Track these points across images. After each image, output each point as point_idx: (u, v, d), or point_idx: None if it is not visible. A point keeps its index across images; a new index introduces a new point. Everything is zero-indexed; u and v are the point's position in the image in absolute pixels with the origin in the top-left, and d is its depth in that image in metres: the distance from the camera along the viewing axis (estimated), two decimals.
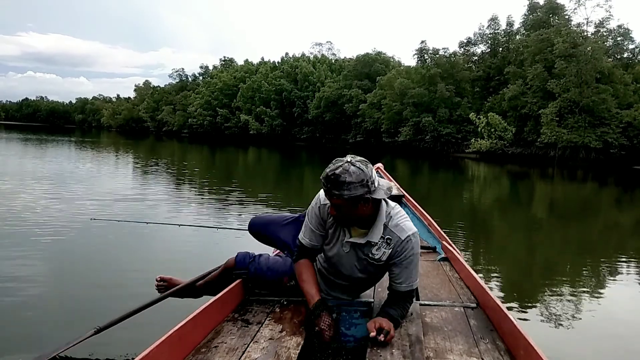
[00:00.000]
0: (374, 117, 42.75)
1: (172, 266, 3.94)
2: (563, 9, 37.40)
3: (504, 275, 4.75)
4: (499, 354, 1.65)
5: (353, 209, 1.80)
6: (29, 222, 5.50)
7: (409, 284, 1.89)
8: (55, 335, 2.54)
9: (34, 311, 2.97)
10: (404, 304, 1.92)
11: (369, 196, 1.78)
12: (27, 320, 2.84)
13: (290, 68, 57.41)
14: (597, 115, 30.88)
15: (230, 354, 1.63)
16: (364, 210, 1.82)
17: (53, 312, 2.98)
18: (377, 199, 1.82)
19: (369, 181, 1.77)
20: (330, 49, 67.49)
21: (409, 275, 1.88)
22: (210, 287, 2.35)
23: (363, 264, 1.93)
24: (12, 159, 16.32)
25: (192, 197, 9.06)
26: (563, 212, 10.63)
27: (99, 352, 2.39)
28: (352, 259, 1.93)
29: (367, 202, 1.80)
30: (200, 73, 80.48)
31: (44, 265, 3.98)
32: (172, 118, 72.48)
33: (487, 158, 32.54)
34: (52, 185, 8.96)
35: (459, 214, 8.83)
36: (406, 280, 1.89)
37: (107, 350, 2.42)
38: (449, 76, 40.20)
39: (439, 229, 3.46)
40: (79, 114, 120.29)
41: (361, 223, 1.88)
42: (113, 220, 4.87)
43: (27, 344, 2.52)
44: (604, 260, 5.63)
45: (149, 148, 31.18)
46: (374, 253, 1.89)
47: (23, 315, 2.91)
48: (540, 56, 33.41)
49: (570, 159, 30.76)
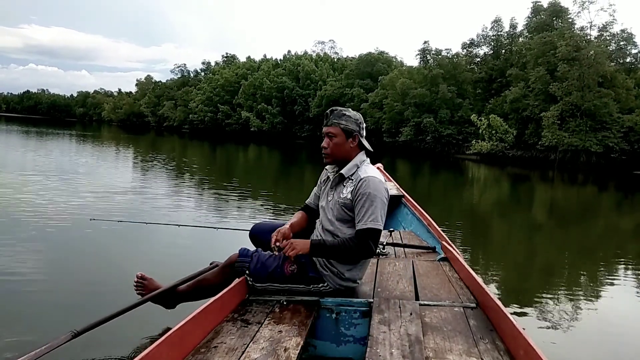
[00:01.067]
0: (375, 116, 42.68)
1: (170, 267, 3.88)
2: (567, 12, 37.32)
3: (504, 276, 4.75)
4: (499, 354, 1.65)
5: (343, 142, 2.19)
6: (24, 219, 5.42)
7: (364, 223, 2.05)
8: (33, 338, 2.42)
9: (12, 314, 2.84)
10: (352, 241, 2.07)
11: (357, 134, 2.20)
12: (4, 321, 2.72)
13: (293, 66, 57.31)
14: (599, 120, 30.82)
15: (230, 354, 1.63)
16: (350, 148, 2.20)
17: (33, 314, 2.86)
18: (362, 145, 2.22)
19: (361, 124, 2.23)
20: (333, 47, 67.36)
21: (364, 214, 2.06)
22: (205, 289, 2.31)
23: (337, 208, 2.19)
24: (11, 152, 16.31)
25: (191, 195, 9.04)
26: (563, 215, 10.62)
27: (77, 358, 2.26)
28: (331, 205, 2.23)
29: (355, 140, 2.20)
30: (202, 69, 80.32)
31: (34, 264, 3.88)
32: (173, 113, 72.36)
33: (487, 160, 32.52)
34: (50, 181, 8.90)
35: (459, 215, 8.83)
36: (362, 219, 2.06)
37: (86, 354, 2.29)
38: (451, 77, 40.12)
39: (438, 229, 3.46)
40: (80, 107, 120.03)
41: (342, 163, 2.22)
42: (111, 220, 4.83)
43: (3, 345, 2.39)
44: (604, 264, 5.63)
45: (150, 143, 31.15)
46: (344, 194, 2.17)
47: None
48: (542, 59, 33.34)
49: (571, 163, 30.72)
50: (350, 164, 2.21)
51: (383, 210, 2.12)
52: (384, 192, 2.14)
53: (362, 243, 2.06)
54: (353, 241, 2.07)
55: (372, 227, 2.06)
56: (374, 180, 2.13)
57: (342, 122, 2.19)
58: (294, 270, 2.17)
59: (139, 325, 2.59)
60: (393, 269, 2.72)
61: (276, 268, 2.17)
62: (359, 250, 2.08)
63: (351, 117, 2.21)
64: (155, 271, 2.82)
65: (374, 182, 2.12)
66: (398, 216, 4.71)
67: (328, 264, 2.18)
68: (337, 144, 2.20)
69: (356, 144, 2.22)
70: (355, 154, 2.23)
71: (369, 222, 2.06)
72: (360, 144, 2.24)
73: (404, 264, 2.83)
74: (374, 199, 2.09)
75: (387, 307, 2.08)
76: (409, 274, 2.63)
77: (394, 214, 4.87)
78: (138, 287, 2.49)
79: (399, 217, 4.67)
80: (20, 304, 3.01)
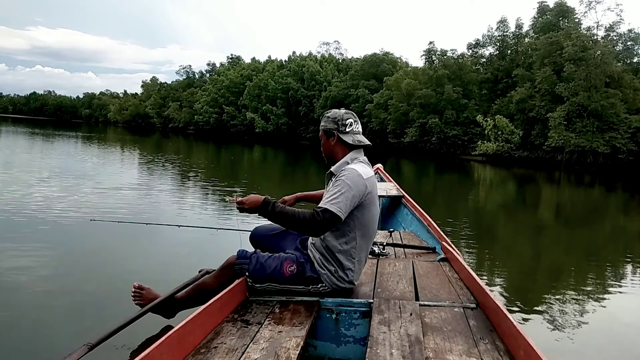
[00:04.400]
0: (380, 117, 42.65)
1: (170, 269, 3.88)
2: (573, 12, 37.14)
3: (506, 276, 4.72)
4: (499, 355, 1.64)
5: (325, 142, 2.29)
6: (26, 220, 5.45)
7: (323, 202, 2.07)
8: (43, 348, 2.41)
9: (21, 323, 2.78)
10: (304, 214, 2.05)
11: (335, 132, 2.25)
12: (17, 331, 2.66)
13: (297, 67, 57.41)
14: (606, 120, 30.62)
15: (230, 355, 1.63)
16: (332, 147, 2.27)
17: (41, 323, 2.80)
18: (346, 143, 2.25)
19: (340, 121, 2.27)
20: (338, 48, 67.54)
21: (328, 195, 2.09)
22: (205, 294, 2.28)
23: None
24: (17, 154, 16.45)
25: (194, 196, 9.06)
26: (569, 217, 10.55)
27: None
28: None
29: (335, 138, 2.26)
30: (207, 70, 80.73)
31: (37, 269, 3.85)
32: (178, 115, 72.70)
33: (493, 161, 32.38)
34: (54, 182, 8.99)
35: (464, 215, 8.79)
36: (324, 199, 2.09)
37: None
38: (456, 78, 40.01)
39: (438, 230, 3.45)
40: (86, 108, 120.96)
41: (333, 162, 2.28)
42: (112, 222, 4.82)
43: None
44: (609, 265, 5.57)
45: (155, 144, 31.28)
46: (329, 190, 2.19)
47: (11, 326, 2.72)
48: (549, 59, 33.18)
49: (578, 164, 30.54)
50: (340, 162, 2.24)
51: (348, 199, 2.05)
52: (358, 185, 2.09)
53: (312, 220, 2.02)
54: (304, 215, 2.04)
55: (327, 207, 2.02)
56: (352, 171, 2.14)
57: (322, 123, 2.33)
58: (293, 270, 2.17)
59: (139, 329, 2.58)
60: (393, 270, 2.71)
61: (275, 268, 2.17)
62: (305, 225, 2.04)
63: (330, 116, 2.30)
64: (155, 271, 2.82)
65: (351, 173, 2.13)
66: (398, 216, 4.69)
67: (325, 262, 2.18)
68: (322, 144, 2.34)
69: (335, 140, 2.27)
70: (341, 151, 2.27)
71: (327, 203, 2.03)
72: (340, 140, 2.26)
73: (404, 265, 2.82)
74: (343, 186, 2.07)
75: (387, 307, 2.07)
76: (409, 274, 2.62)
77: (394, 214, 4.86)
78: (136, 297, 2.50)
79: (399, 218, 4.65)
80: (23, 314, 2.94)
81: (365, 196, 2.13)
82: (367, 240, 2.25)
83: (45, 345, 2.51)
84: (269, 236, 2.47)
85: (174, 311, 2.49)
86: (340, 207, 2.03)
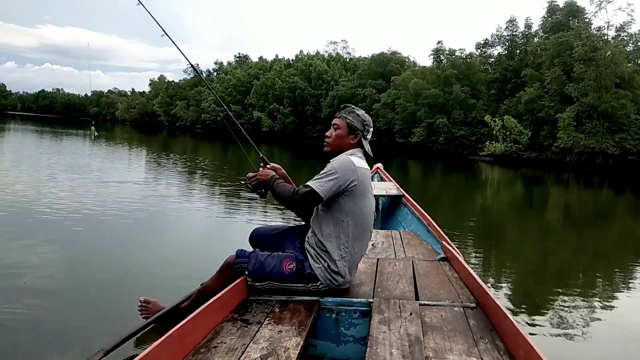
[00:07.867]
0: (388, 117, 42.51)
1: (170, 270, 3.87)
2: (583, 12, 36.81)
3: (512, 276, 4.69)
4: (499, 354, 1.63)
5: (344, 135, 2.26)
6: (29, 221, 5.38)
7: (309, 181, 2.12)
8: (58, 353, 2.40)
9: (32, 325, 2.69)
10: (292, 190, 2.15)
11: (359, 133, 2.26)
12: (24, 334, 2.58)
13: (305, 66, 57.42)
14: (616, 121, 30.29)
15: (230, 354, 1.63)
16: (350, 144, 2.26)
17: (49, 327, 2.71)
18: (361, 144, 2.27)
19: (367, 126, 2.29)
20: (345, 47, 67.45)
21: (316, 176, 2.14)
22: (209, 297, 2.29)
23: None
24: (26, 151, 16.61)
25: (197, 196, 9.08)
26: (577, 218, 10.44)
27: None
28: None
29: (356, 138, 2.26)
30: (215, 69, 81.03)
31: (44, 268, 3.78)
32: (185, 113, 73.08)
33: (501, 162, 32.14)
34: (58, 180, 9.04)
35: (470, 216, 8.74)
36: (311, 179, 2.13)
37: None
38: (464, 77, 39.76)
39: (438, 229, 3.44)
40: (94, 106, 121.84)
41: (336, 155, 2.26)
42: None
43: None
44: (617, 268, 5.50)
45: (162, 143, 31.44)
46: None
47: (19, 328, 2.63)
48: (558, 59, 32.88)
49: (587, 165, 30.24)
50: (341, 155, 2.25)
51: (332, 181, 2.09)
52: (347, 170, 2.12)
53: (293, 193, 2.13)
54: (290, 189, 2.16)
55: (309, 184, 2.10)
56: (345, 158, 2.17)
57: (349, 117, 2.28)
58: (293, 268, 2.17)
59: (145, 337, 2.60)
60: (393, 269, 2.71)
61: (275, 267, 2.17)
62: (288, 199, 2.15)
63: (359, 116, 2.28)
64: (156, 271, 2.82)
65: (343, 160, 2.16)
66: (398, 216, 4.67)
67: (318, 257, 2.17)
68: (338, 136, 2.28)
69: (356, 141, 2.28)
70: (351, 149, 2.28)
71: (311, 181, 2.11)
72: (360, 142, 2.29)
73: (404, 264, 2.82)
74: (330, 169, 2.13)
75: (387, 307, 2.06)
76: (409, 273, 2.62)
77: (394, 213, 4.84)
78: (143, 311, 2.52)
79: (399, 217, 4.63)
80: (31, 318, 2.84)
81: (353, 183, 2.13)
82: (360, 233, 2.21)
83: (59, 349, 2.49)
84: (268, 237, 2.46)
85: (180, 320, 2.50)
86: (323, 186, 2.07)
